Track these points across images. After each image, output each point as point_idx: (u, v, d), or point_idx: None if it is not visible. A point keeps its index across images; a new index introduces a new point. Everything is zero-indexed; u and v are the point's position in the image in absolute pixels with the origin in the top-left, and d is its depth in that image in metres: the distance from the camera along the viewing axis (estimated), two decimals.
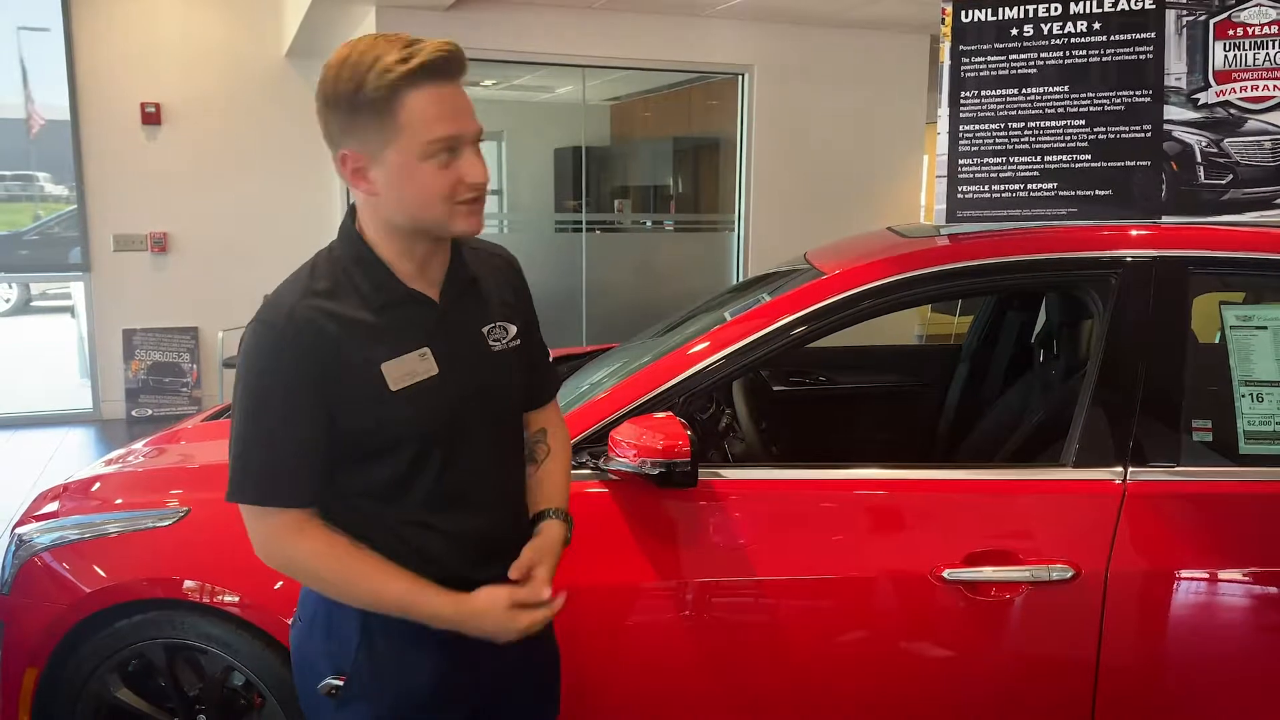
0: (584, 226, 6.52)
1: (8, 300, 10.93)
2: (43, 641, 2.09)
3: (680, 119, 8.17)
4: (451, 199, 1.31)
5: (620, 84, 7.65)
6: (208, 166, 6.62)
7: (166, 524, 2.09)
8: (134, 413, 6.64)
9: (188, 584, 2.03)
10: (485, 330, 1.45)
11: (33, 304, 11.28)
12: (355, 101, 1.27)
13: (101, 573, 2.09)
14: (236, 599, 2.01)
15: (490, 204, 7.31)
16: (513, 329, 1.48)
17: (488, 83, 7.02)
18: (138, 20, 6.39)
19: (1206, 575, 1.85)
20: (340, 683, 1.42)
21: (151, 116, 6.46)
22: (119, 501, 2.25)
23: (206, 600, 2.02)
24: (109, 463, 2.58)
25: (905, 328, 6.95)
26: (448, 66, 1.27)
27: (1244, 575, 1.86)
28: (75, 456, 5.76)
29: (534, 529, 1.50)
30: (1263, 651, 1.87)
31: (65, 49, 6.31)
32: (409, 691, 1.43)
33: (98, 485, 2.38)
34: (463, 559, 1.42)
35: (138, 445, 2.70)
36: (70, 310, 8.61)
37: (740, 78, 6.51)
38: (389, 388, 1.33)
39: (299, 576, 1.41)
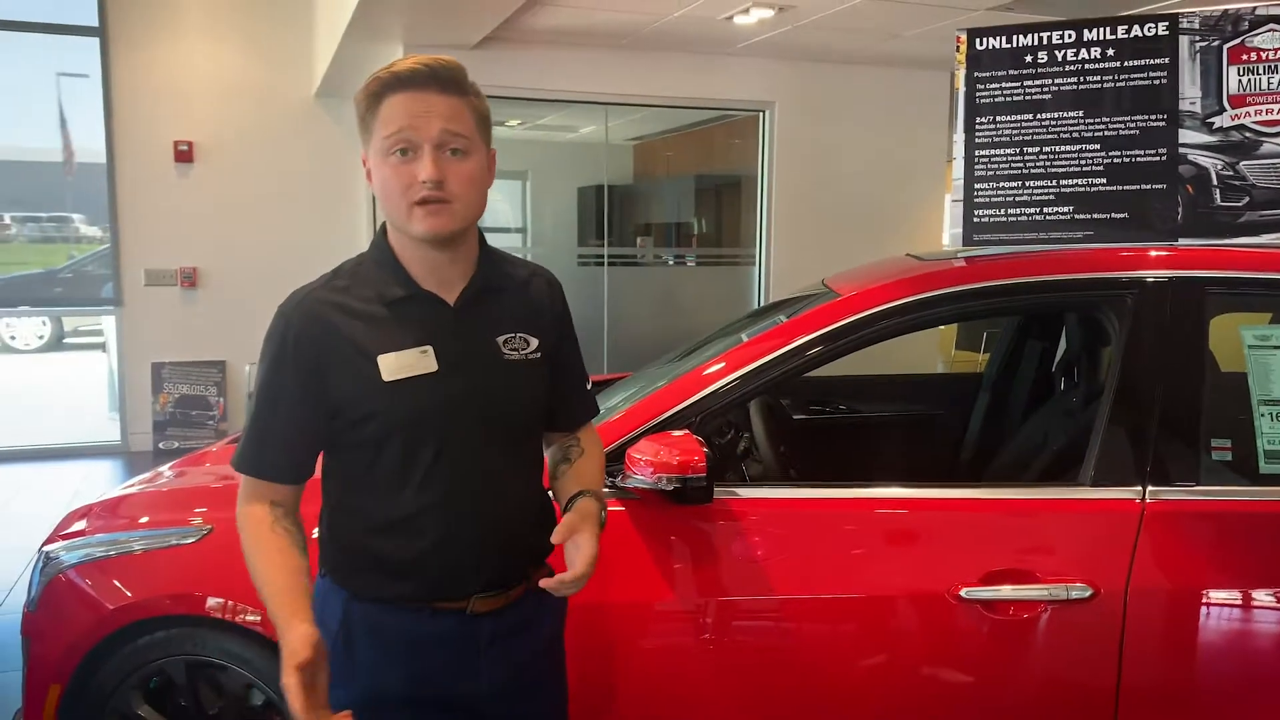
0: (605, 261, 6.58)
1: (41, 337, 11.12)
2: (66, 658, 2.11)
3: (702, 157, 8.25)
4: (407, 197, 1.39)
5: (643, 123, 7.74)
6: (237, 203, 6.75)
7: (190, 541, 2.12)
8: (161, 445, 6.72)
9: (210, 601, 2.05)
10: (501, 339, 1.50)
11: (65, 340, 11.47)
12: (358, 111, 1.44)
13: (125, 590, 2.11)
14: (258, 617, 2.02)
15: (514, 240, 7.44)
16: (534, 341, 1.52)
17: (513, 123, 7.13)
18: (172, 61, 6.57)
19: (1227, 594, 1.83)
20: None
21: (184, 154, 6.61)
22: (144, 520, 2.28)
23: (228, 618, 2.04)
24: (136, 484, 2.62)
25: (929, 365, 6.93)
26: (415, 77, 1.39)
27: (1265, 595, 1.83)
28: (102, 487, 5.83)
29: (568, 508, 1.52)
30: None
31: (103, 92, 6.49)
32: (378, 688, 1.49)
33: (124, 504, 2.42)
34: (459, 552, 1.47)
35: (164, 468, 2.74)
36: (101, 346, 8.75)
37: (762, 114, 6.58)
38: (381, 378, 1.41)
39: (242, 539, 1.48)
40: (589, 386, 1.69)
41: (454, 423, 1.45)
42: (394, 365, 1.42)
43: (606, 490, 1.93)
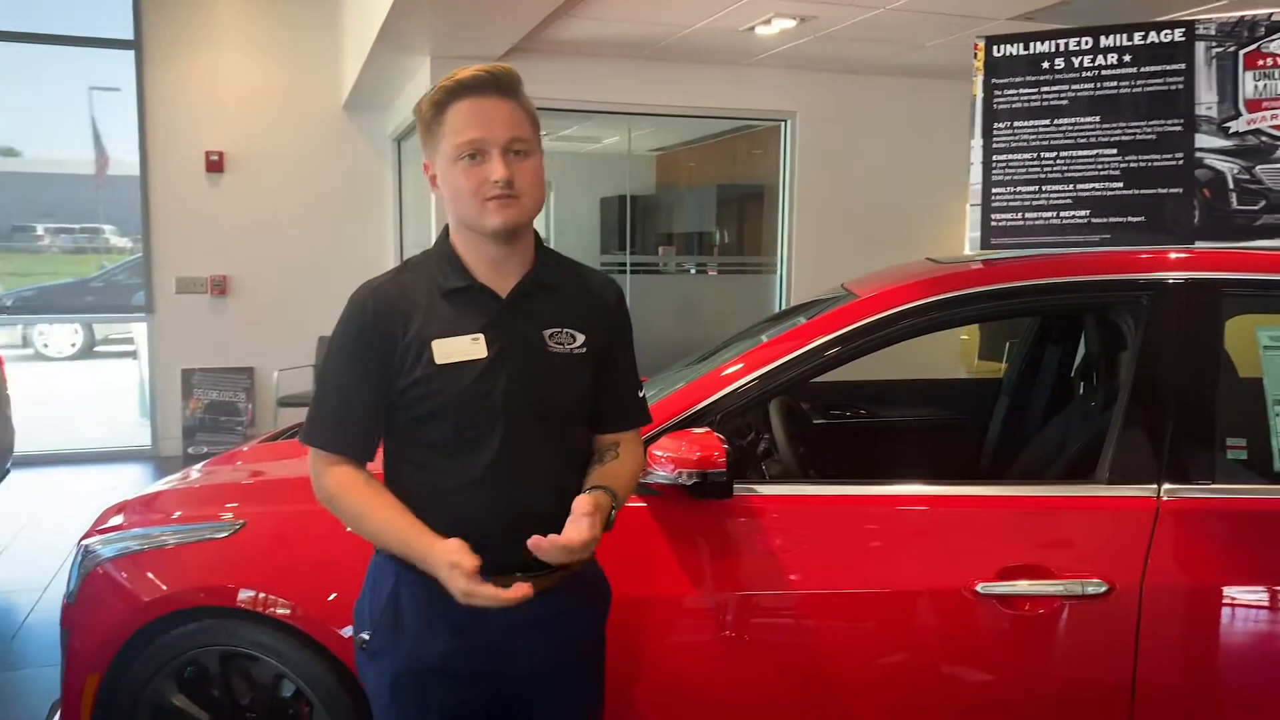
0: (628, 270, 6.64)
1: (73, 345, 11.31)
2: (104, 648, 2.17)
3: (724, 167, 8.30)
4: (479, 195, 1.50)
5: (665, 134, 7.80)
6: (267, 212, 6.87)
7: (223, 535, 2.18)
8: (190, 450, 6.82)
9: (242, 594, 2.10)
10: (548, 333, 1.58)
11: (96, 348, 11.65)
12: (423, 120, 1.55)
13: (160, 582, 2.17)
14: (289, 609, 2.07)
15: None
16: (580, 337, 1.60)
17: None
18: (205, 73, 6.70)
19: (1241, 591, 1.84)
20: (367, 637, 1.61)
21: (215, 164, 6.73)
22: (177, 515, 2.35)
23: (259, 609, 2.09)
24: (169, 482, 2.68)
25: (951, 372, 6.92)
26: (478, 83, 1.50)
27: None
28: (134, 490, 5.92)
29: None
30: None
31: (137, 104, 6.63)
32: (420, 657, 1.57)
33: (158, 500, 2.48)
34: (493, 530, 1.52)
35: (194, 468, 2.81)
36: (132, 354, 8.90)
37: (783, 124, 6.62)
38: (434, 361, 1.52)
39: (332, 509, 1.59)
40: (641, 395, 1.74)
41: (499, 407, 1.53)
42: (446, 349, 1.52)
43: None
